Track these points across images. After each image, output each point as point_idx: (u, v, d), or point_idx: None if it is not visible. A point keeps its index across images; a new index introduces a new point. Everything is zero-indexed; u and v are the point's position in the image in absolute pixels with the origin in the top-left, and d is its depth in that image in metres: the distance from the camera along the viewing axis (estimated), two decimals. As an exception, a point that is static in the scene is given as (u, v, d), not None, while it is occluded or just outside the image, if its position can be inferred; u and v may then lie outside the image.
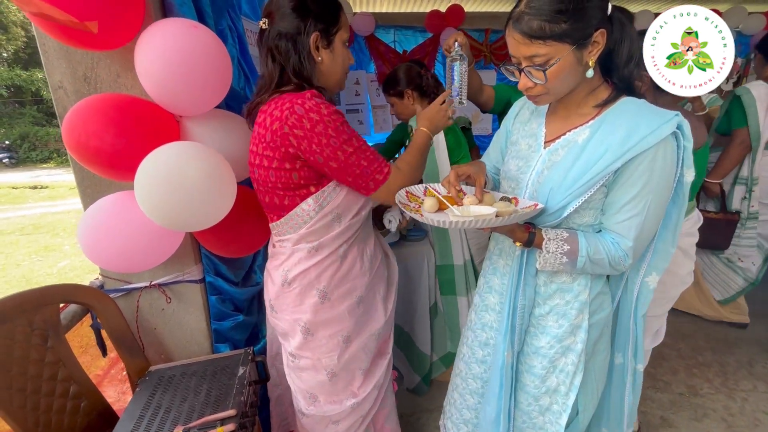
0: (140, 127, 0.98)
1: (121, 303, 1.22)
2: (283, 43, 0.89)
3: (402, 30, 3.62)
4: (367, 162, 0.92)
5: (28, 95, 16.12)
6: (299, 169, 0.92)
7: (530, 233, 0.84)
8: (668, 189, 0.79)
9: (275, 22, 0.90)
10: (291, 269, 1.02)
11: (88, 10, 0.84)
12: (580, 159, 0.80)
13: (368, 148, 0.94)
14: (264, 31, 0.92)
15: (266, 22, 0.91)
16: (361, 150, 0.92)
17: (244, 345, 1.41)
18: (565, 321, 0.91)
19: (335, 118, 0.87)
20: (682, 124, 0.75)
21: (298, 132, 0.86)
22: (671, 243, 0.87)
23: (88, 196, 1.16)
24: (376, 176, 0.93)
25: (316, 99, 0.86)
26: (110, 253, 1.02)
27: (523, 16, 0.73)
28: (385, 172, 0.94)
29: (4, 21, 14.48)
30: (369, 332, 1.11)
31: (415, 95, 1.69)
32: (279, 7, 0.90)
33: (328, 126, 0.86)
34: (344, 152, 0.89)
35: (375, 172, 0.93)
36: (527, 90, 0.82)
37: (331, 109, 0.88)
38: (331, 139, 0.87)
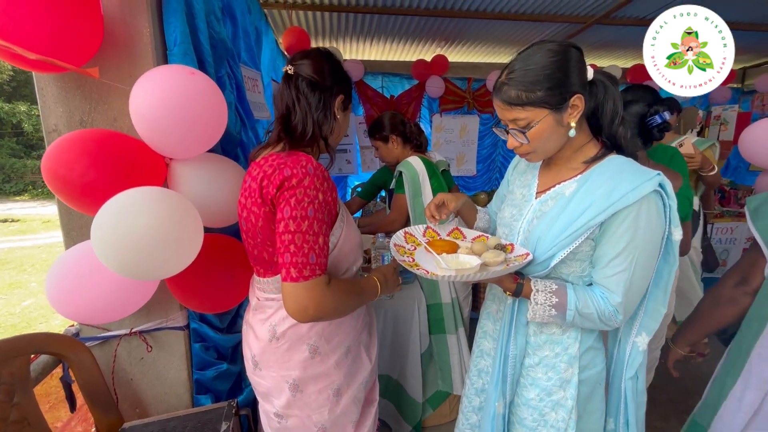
0: (120, 163, 0.95)
1: (98, 352, 1.15)
2: (314, 95, 0.91)
3: (389, 76, 3.81)
4: (296, 251, 0.80)
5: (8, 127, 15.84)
6: None
7: (518, 284, 0.86)
8: (655, 246, 0.80)
9: (309, 76, 0.91)
10: (279, 323, 0.95)
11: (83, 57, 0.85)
12: (566, 211, 0.82)
13: (314, 244, 0.82)
14: (291, 76, 0.91)
15: (293, 69, 0.91)
16: (303, 238, 0.81)
17: (227, 396, 1.33)
18: (554, 374, 0.90)
19: (313, 196, 0.83)
20: (664, 183, 0.78)
21: (279, 193, 0.83)
22: (662, 302, 0.87)
23: (71, 239, 1.12)
24: (291, 270, 0.80)
25: (310, 167, 0.84)
26: (79, 305, 0.96)
27: (502, 86, 0.81)
28: (305, 275, 0.80)
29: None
30: (358, 382, 1.06)
31: (398, 140, 1.82)
32: (317, 64, 0.92)
33: (303, 196, 0.81)
34: (287, 225, 0.81)
35: (294, 265, 0.80)
36: (515, 149, 0.87)
37: (316, 184, 0.83)
38: (291, 209, 0.81)
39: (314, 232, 0.82)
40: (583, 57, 0.82)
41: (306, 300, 0.81)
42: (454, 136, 3.93)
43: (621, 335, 0.93)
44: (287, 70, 0.92)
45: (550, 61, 0.78)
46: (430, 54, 3.74)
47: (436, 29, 3.25)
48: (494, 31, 3.32)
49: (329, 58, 0.95)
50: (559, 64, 0.78)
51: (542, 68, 0.78)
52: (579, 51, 0.81)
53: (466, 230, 1.05)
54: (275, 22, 3.09)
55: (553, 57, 0.78)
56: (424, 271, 0.84)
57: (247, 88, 1.59)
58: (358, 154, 3.74)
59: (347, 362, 1.02)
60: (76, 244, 1.07)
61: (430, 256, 0.92)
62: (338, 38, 3.47)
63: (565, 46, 0.80)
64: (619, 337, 0.93)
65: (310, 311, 0.81)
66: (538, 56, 0.79)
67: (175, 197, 0.95)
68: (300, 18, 3.02)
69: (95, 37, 1.00)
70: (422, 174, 1.71)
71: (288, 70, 0.92)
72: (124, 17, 1.04)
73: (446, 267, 0.83)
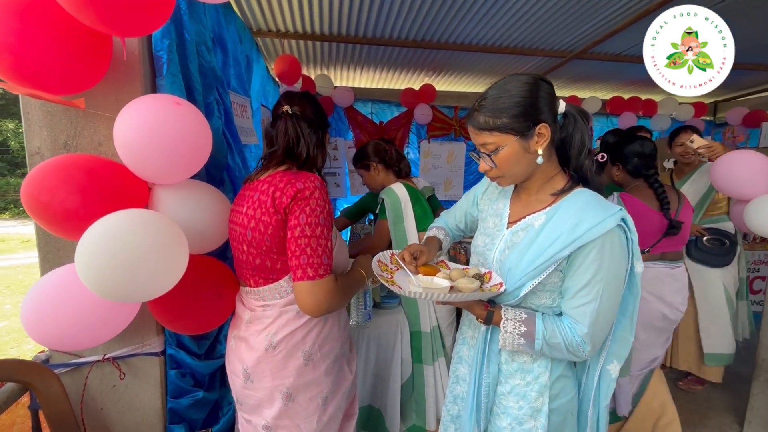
0: (103, 189, 0.96)
1: (67, 380, 1.11)
2: (308, 129, 1.08)
3: (379, 103, 3.91)
4: (312, 253, 0.93)
5: (-7, 144, 15.65)
6: None
7: (488, 311, 0.88)
8: (620, 278, 0.83)
9: (306, 115, 1.08)
10: (278, 332, 1.01)
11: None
12: (535, 243, 0.85)
13: (325, 247, 0.96)
14: (287, 113, 1.07)
15: (292, 109, 1.07)
16: (318, 242, 0.94)
17: (202, 426, 1.29)
18: (525, 403, 0.90)
19: (323, 206, 0.97)
20: (626, 219, 0.82)
21: (293, 202, 0.95)
22: (629, 331, 0.89)
23: (48, 262, 1.11)
24: (308, 270, 0.93)
25: (317, 182, 0.98)
26: (56, 331, 0.94)
27: (474, 112, 0.87)
28: (320, 273, 0.94)
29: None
30: (341, 392, 1.12)
31: (380, 167, 1.87)
32: (311, 109, 1.10)
33: (316, 206, 0.95)
34: (303, 230, 0.93)
35: (311, 265, 0.93)
36: (486, 173, 0.92)
37: (324, 196, 0.98)
38: (306, 216, 0.94)
39: (325, 237, 0.96)
40: (553, 90, 0.86)
41: (321, 295, 0.93)
42: (441, 162, 4.01)
43: (589, 363, 0.94)
44: (287, 110, 1.06)
45: (519, 90, 0.83)
46: (418, 83, 3.87)
47: (424, 60, 3.38)
48: (479, 63, 3.47)
49: (316, 101, 1.14)
50: (528, 93, 0.83)
51: (511, 96, 0.83)
52: (549, 84, 0.86)
53: (452, 264, 1.08)
54: (267, 50, 3.18)
55: (523, 87, 0.83)
56: (397, 287, 0.87)
57: (235, 113, 1.63)
58: (347, 178, 3.78)
59: (335, 371, 1.09)
60: (52, 267, 1.06)
61: (408, 277, 0.95)
62: (329, 66, 3.57)
63: (536, 78, 0.85)
64: (588, 365, 0.94)
65: (324, 305, 0.94)
66: (510, 86, 0.84)
67: (159, 218, 0.96)
68: (292, 46, 3.11)
69: (100, 73, 1.02)
70: (404, 200, 1.74)
71: (287, 110, 1.06)
72: (115, 46, 1.07)
73: (417, 284, 0.85)
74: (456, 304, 0.88)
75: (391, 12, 2.48)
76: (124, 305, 1.02)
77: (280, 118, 1.07)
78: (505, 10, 2.47)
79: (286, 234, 0.96)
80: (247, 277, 1.07)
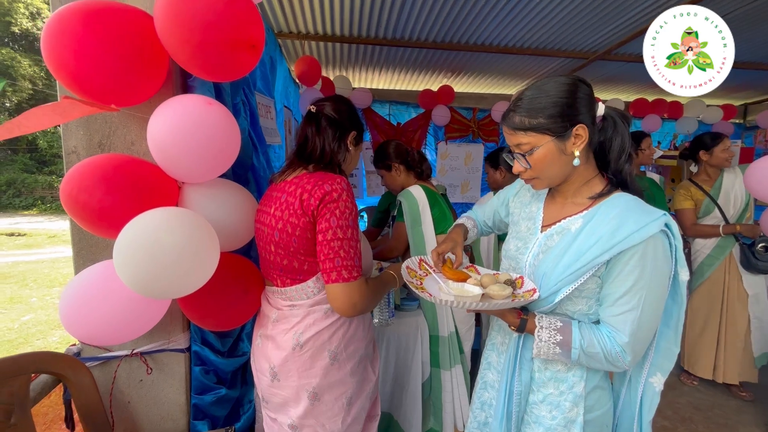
0: (136, 188, 0.99)
1: (97, 373, 1.14)
2: (332, 129, 1.08)
3: (397, 105, 3.90)
4: (345, 255, 0.95)
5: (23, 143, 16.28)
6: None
7: (522, 319, 0.85)
8: (662, 286, 0.79)
9: (330, 114, 1.08)
10: (305, 331, 1.02)
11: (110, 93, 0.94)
12: (572, 247, 0.82)
13: (357, 249, 0.98)
14: (314, 114, 1.09)
15: (316, 108, 1.09)
16: (349, 244, 0.96)
17: (224, 423, 1.30)
18: (559, 413, 0.87)
19: (351, 208, 0.99)
20: (670, 224, 0.78)
21: (322, 205, 0.95)
22: (674, 342, 0.85)
23: (81, 258, 1.14)
24: (343, 272, 0.95)
25: (344, 184, 0.99)
26: (91, 326, 0.97)
27: (509, 112, 0.86)
28: (354, 275, 0.96)
29: (13, 74, 15.07)
30: (365, 392, 1.12)
31: (402, 168, 1.84)
32: (337, 107, 1.10)
33: (345, 209, 0.96)
34: (335, 233, 0.95)
35: (345, 267, 0.95)
36: (520, 174, 0.89)
37: (352, 199, 1.00)
38: (337, 218, 0.95)
39: (355, 239, 0.98)
40: (592, 92, 0.84)
41: (356, 296, 0.95)
42: (459, 164, 3.98)
43: (631, 375, 0.90)
44: (311, 109, 1.08)
45: (557, 90, 0.81)
46: (436, 84, 3.85)
47: (443, 61, 3.36)
48: (499, 64, 3.43)
49: (347, 102, 1.14)
50: (565, 94, 0.81)
51: (548, 97, 0.81)
52: (588, 86, 0.84)
53: (482, 269, 1.06)
54: (288, 51, 3.22)
55: (561, 88, 0.81)
56: (427, 294, 0.86)
57: (260, 114, 1.65)
58: (364, 179, 3.78)
59: (359, 371, 1.09)
60: (85, 263, 1.09)
61: (438, 284, 0.93)
62: (348, 67, 3.59)
63: (575, 79, 0.83)
64: (629, 376, 0.90)
65: (359, 306, 0.96)
66: (547, 86, 0.82)
67: (194, 217, 0.99)
68: (312, 48, 3.14)
69: (155, 86, 1.06)
70: (422, 203, 1.72)
71: (311, 109, 1.08)
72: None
73: (448, 292, 0.83)
74: (488, 312, 0.86)
75: (411, 13, 2.48)
76: (155, 302, 1.04)
77: (308, 119, 1.09)
78: (527, 11, 2.43)
79: (315, 236, 0.97)
80: (274, 277, 1.08)
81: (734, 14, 2.40)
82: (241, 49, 0.99)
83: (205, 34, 0.92)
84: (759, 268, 2.22)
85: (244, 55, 1.01)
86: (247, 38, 0.98)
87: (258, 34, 1.02)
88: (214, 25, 0.92)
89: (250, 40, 0.99)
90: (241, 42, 0.97)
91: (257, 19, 1.01)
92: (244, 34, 0.97)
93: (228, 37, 0.95)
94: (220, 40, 0.94)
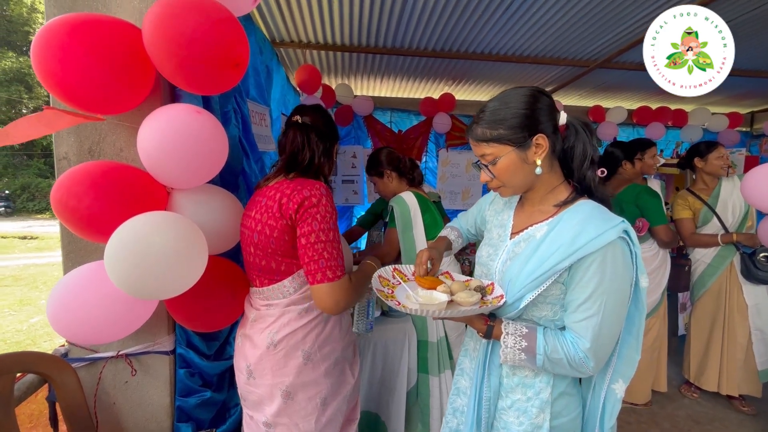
0: (125, 193, 1.02)
1: (83, 374, 1.16)
2: (318, 139, 1.13)
3: (398, 112, 3.93)
4: (329, 256, 0.99)
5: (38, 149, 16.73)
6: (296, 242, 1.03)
7: (488, 326, 0.86)
8: (623, 292, 0.79)
9: (316, 126, 1.12)
10: (279, 330, 1.05)
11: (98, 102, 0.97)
12: (536, 253, 0.83)
13: (339, 250, 1.02)
14: (300, 124, 1.12)
15: (302, 119, 1.12)
16: (332, 245, 1.00)
17: (208, 425, 1.31)
18: (526, 418, 0.87)
19: (331, 212, 1.03)
20: (629, 231, 0.79)
21: (302, 210, 0.99)
22: (635, 349, 0.86)
23: (71, 260, 1.17)
24: (327, 272, 0.99)
25: (323, 189, 1.03)
26: (77, 324, 0.99)
27: (473, 124, 0.89)
28: (338, 274, 1.00)
29: (30, 81, 15.55)
30: (342, 395, 1.13)
31: (394, 175, 1.88)
32: (321, 120, 1.15)
33: (326, 213, 1.01)
34: (318, 236, 0.99)
35: (329, 268, 0.99)
36: (487, 183, 0.92)
37: (331, 203, 1.04)
38: (318, 222, 0.99)
39: (337, 240, 1.02)
40: (553, 102, 0.86)
41: (339, 295, 0.99)
42: (460, 171, 3.98)
43: (595, 381, 0.90)
44: (298, 120, 1.12)
45: (517, 102, 0.83)
46: (437, 92, 3.87)
47: (444, 69, 3.38)
48: (500, 72, 3.44)
49: (328, 114, 1.18)
50: (525, 105, 0.83)
51: (508, 108, 0.83)
52: (548, 97, 0.86)
53: (457, 275, 1.06)
54: (289, 59, 3.27)
55: (521, 99, 0.83)
56: (395, 302, 0.87)
57: (253, 122, 1.68)
58: (365, 185, 3.81)
59: (335, 373, 1.11)
60: (74, 265, 1.12)
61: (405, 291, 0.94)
62: (349, 75, 3.63)
63: (535, 91, 0.85)
64: (594, 382, 0.91)
65: (342, 303, 1.00)
66: (508, 98, 0.85)
67: (183, 220, 1.02)
68: (313, 56, 3.19)
69: (142, 95, 1.09)
70: (414, 209, 1.73)
71: (298, 119, 1.12)
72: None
73: (415, 300, 0.84)
74: (454, 319, 0.87)
75: (411, 22, 2.50)
76: (141, 303, 1.07)
77: (290, 128, 1.12)
78: (526, 18, 2.44)
79: (294, 239, 1.01)
80: (254, 278, 1.12)
81: (740, 20, 2.37)
82: (225, 67, 1.02)
83: (191, 50, 0.95)
84: (759, 277, 2.18)
85: (228, 73, 1.04)
86: (232, 57, 1.01)
87: (243, 53, 1.05)
88: (200, 42, 0.94)
89: (236, 59, 1.02)
90: (226, 60, 1.01)
91: (243, 38, 1.04)
92: (229, 53, 1.00)
93: (213, 55, 0.97)
94: (205, 57, 0.97)
